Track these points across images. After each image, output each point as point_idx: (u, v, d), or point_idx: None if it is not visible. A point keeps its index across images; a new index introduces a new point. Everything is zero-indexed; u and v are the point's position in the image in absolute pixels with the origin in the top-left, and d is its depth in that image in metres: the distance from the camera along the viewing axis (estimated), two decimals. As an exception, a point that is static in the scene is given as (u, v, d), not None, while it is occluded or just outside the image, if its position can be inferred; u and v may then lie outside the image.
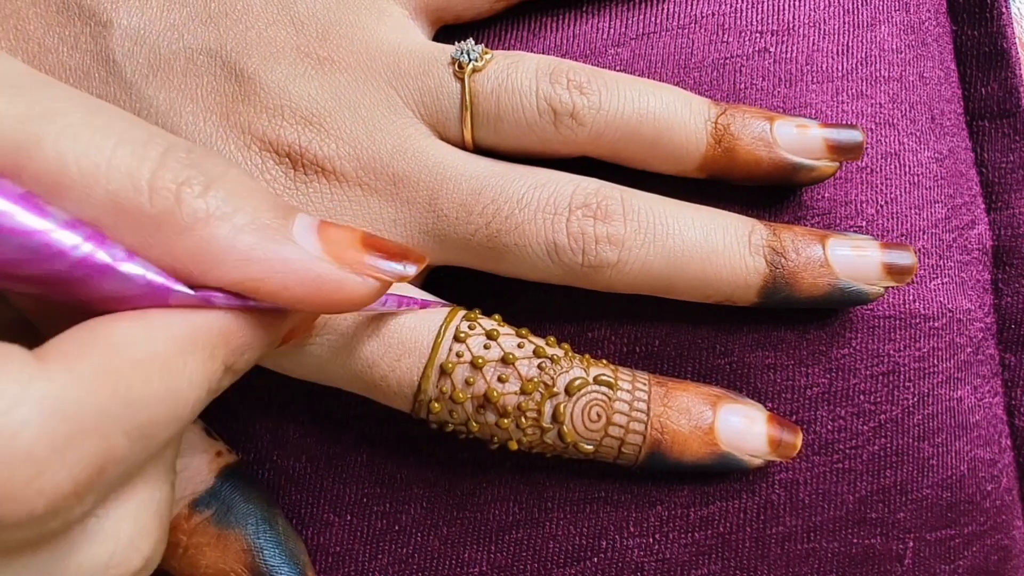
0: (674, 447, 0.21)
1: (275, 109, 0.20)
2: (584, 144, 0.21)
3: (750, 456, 0.21)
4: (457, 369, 0.20)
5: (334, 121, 0.20)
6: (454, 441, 0.22)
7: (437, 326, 0.20)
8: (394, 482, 0.23)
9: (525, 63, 0.21)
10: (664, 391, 0.21)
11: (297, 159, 0.20)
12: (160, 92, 0.20)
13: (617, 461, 0.21)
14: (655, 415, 0.21)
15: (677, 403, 0.21)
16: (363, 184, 0.20)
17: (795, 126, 0.22)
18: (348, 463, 0.23)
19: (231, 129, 0.20)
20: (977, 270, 0.26)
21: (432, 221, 0.20)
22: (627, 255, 0.20)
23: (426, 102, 0.21)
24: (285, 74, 0.20)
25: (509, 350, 0.20)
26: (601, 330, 0.23)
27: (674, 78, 0.23)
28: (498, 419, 0.20)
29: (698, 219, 0.21)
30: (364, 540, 0.23)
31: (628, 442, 0.20)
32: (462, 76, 0.21)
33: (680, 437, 0.21)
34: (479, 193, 0.20)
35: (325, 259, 0.15)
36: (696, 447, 0.21)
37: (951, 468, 0.24)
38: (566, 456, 0.21)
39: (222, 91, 0.20)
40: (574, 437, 0.20)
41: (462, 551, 0.23)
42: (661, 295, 0.22)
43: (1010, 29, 0.26)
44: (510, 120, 0.21)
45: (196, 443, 0.22)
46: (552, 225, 0.20)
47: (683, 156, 0.21)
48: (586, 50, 0.23)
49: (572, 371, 0.20)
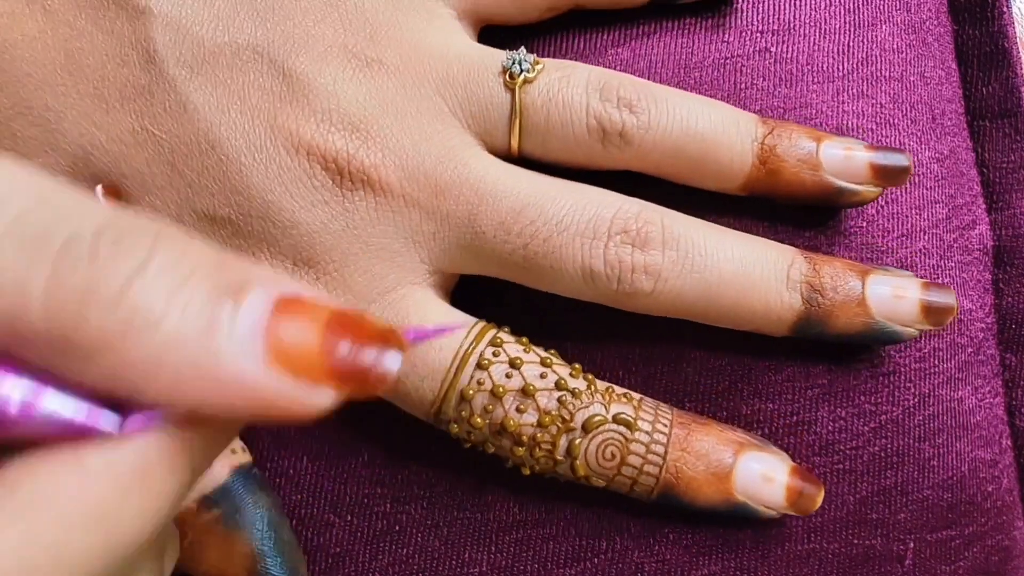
0: (687, 492, 0.21)
1: (324, 113, 0.20)
2: (629, 161, 0.21)
3: (764, 507, 0.21)
4: (477, 397, 0.20)
5: (381, 128, 0.20)
6: (455, 441, 0.22)
7: (463, 350, 0.20)
8: (394, 482, 0.23)
9: (577, 76, 0.21)
10: (685, 434, 0.21)
11: (344, 168, 0.20)
12: (204, 89, 0.19)
13: (630, 495, 0.21)
14: (671, 460, 0.20)
15: (697, 447, 0.21)
16: (406, 195, 0.20)
17: (842, 148, 0.22)
18: (348, 463, 0.23)
19: (279, 132, 0.20)
20: (978, 270, 0.25)
21: (470, 237, 0.20)
22: (663, 285, 0.20)
23: (474, 112, 0.21)
24: (334, 76, 0.20)
25: (530, 381, 0.20)
26: (598, 333, 0.23)
27: (674, 78, 0.23)
28: (513, 446, 0.20)
29: (738, 249, 0.21)
30: (364, 540, 0.23)
31: (640, 483, 0.21)
32: (513, 87, 0.20)
33: (695, 484, 0.20)
34: (519, 213, 0.20)
35: (273, 374, 0.12)
36: (710, 493, 0.21)
37: (952, 469, 0.24)
38: (579, 483, 0.21)
39: (269, 90, 0.20)
40: (586, 471, 0.20)
41: (462, 551, 0.23)
42: (692, 320, 0.21)
43: (1011, 29, 0.26)
44: (558, 135, 0.21)
45: None
46: (589, 251, 0.20)
47: (727, 175, 0.21)
48: (586, 50, 0.23)
49: (591, 407, 0.20)
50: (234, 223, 0.20)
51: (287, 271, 0.20)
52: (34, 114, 0.20)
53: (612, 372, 0.23)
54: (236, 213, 0.20)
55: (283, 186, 0.19)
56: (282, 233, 0.20)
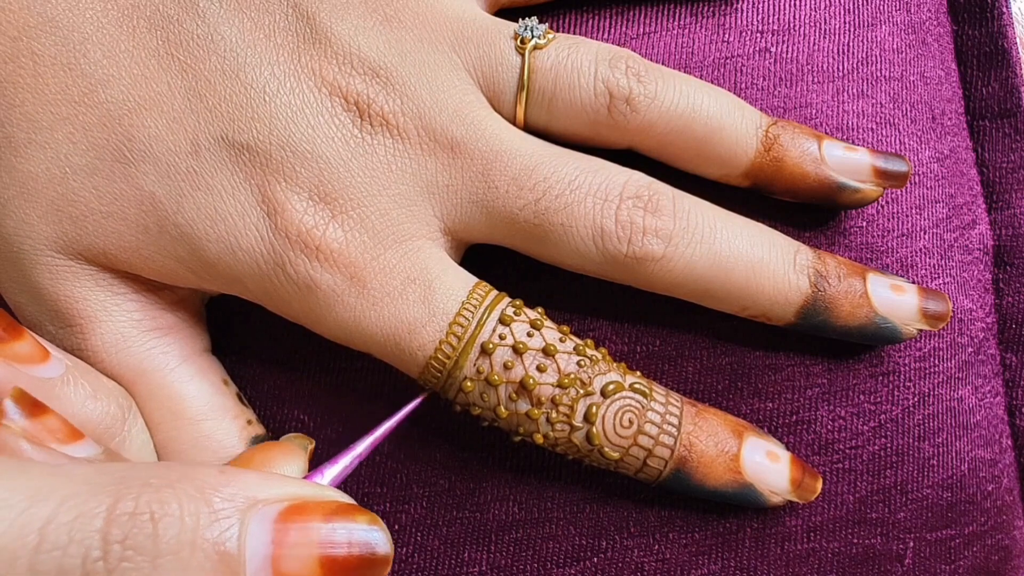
0: (699, 468, 0.21)
1: (345, 57, 0.20)
2: (634, 133, 0.21)
3: (770, 492, 0.21)
4: (498, 351, 0.20)
5: (400, 77, 0.20)
6: (455, 441, 0.22)
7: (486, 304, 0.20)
8: (394, 482, 0.23)
9: (586, 46, 0.21)
10: (695, 411, 0.21)
11: (365, 109, 0.20)
12: (232, 23, 0.20)
13: (639, 475, 0.21)
14: (685, 432, 0.20)
15: (707, 425, 0.21)
16: (423, 145, 0.20)
17: (843, 148, 0.22)
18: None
19: (303, 70, 0.20)
20: (978, 270, 0.26)
21: (483, 191, 0.20)
22: (673, 251, 0.20)
23: (485, 72, 0.21)
24: (354, 25, 0.20)
25: (551, 341, 0.20)
26: (602, 329, 0.23)
27: (674, 77, 0.23)
28: (530, 409, 0.20)
29: (746, 230, 0.21)
30: (364, 540, 0.23)
31: (655, 454, 0.20)
32: (523, 51, 0.21)
33: (707, 459, 0.20)
34: (532, 170, 0.20)
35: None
36: (720, 472, 0.21)
37: (952, 468, 0.24)
38: (586, 462, 0.21)
39: (294, 30, 0.20)
40: (602, 440, 0.20)
41: (462, 551, 0.23)
42: (696, 301, 0.21)
43: (1011, 29, 0.26)
44: (565, 99, 0.21)
45: (228, 407, 0.22)
46: (602, 210, 0.20)
47: (731, 160, 0.21)
48: (586, 49, 0.23)
49: (609, 374, 0.20)
50: (253, 150, 0.20)
51: (304, 204, 0.20)
52: (59, 32, 0.20)
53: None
54: (256, 140, 0.20)
55: (306, 118, 0.20)
56: (302, 164, 0.20)
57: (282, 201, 0.19)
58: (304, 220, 0.19)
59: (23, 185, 0.20)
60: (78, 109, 0.20)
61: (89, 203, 0.20)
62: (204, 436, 0.21)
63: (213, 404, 0.21)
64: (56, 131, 0.20)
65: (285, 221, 0.19)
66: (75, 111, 0.20)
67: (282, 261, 0.19)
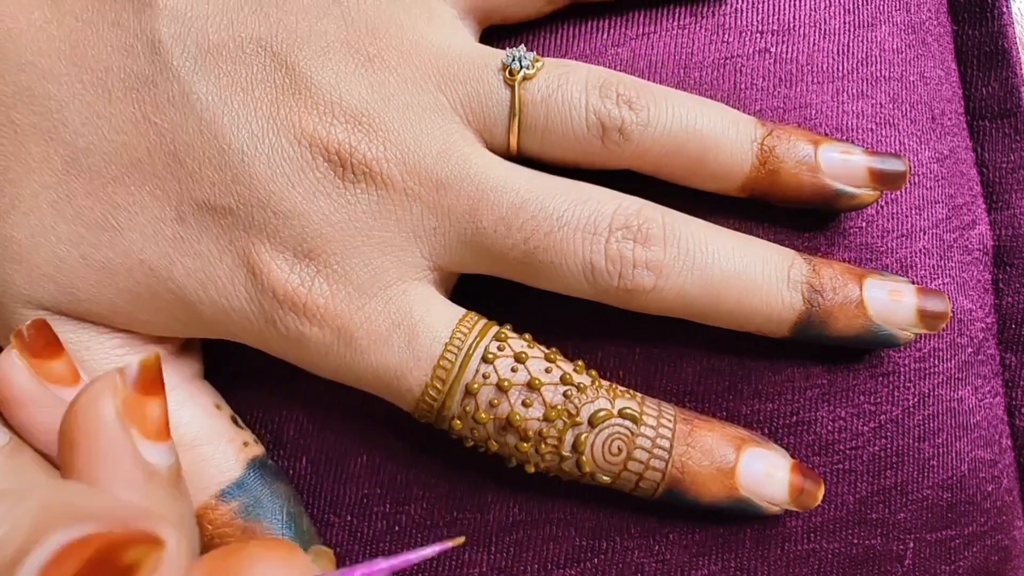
0: (692, 487, 0.21)
1: (326, 106, 0.20)
2: (628, 159, 0.21)
3: (768, 503, 0.21)
4: (482, 391, 0.20)
5: (383, 122, 0.20)
6: (455, 442, 0.22)
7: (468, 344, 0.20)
8: (394, 483, 0.23)
9: (576, 73, 0.21)
10: (689, 429, 0.21)
11: (347, 159, 0.20)
12: (207, 81, 0.20)
13: (634, 493, 0.21)
14: (677, 454, 0.20)
15: (701, 443, 0.21)
16: (408, 190, 0.20)
17: (840, 152, 0.22)
18: (348, 464, 0.23)
19: (281, 124, 0.20)
20: (978, 270, 0.26)
21: (471, 232, 0.20)
22: (664, 282, 0.20)
23: (474, 108, 0.21)
24: (336, 71, 0.20)
25: (536, 375, 0.20)
26: (598, 334, 0.23)
27: (674, 78, 0.23)
28: (518, 442, 0.20)
29: (739, 249, 0.21)
30: (364, 541, 0.23)
31: (647, 478, 0.20)
32: (512, 83, 0.20)
33: (700, 478, 0.21)
34: (519, 208, 0.20)
35: None
36: (715, 489, 0.21)
37: (951, 469, 0.24)
38: (582, 482, 0.21)
39: (272, 83, 0.20)
40: (592, 467, 0.20)
41: (462, 552, 0.23)
42: (693, 320, 0.21)
43: (1011, 29, 0.26)
44: (558, 132, 0.21)
45: (223, 431, 0.22)
46: (591, 246, 0.20)
47: (726, 175, 0.21)
48: (586, 50, 0.23)
49: (597, 402, 0.20)
50: (235, 213, 0.20)
51: (288, 263, 0.20)
52: (36, 102, 0.20)
53: (612, 372, 0.23)
54: (237, 203, 0.20)
55: (285, 176, 0.20)
56: (283, 223, 0.20)
57: (267, 262, 0.20)
58: (290, 280, 0.20)
59: (5, 249, 0.20)
60: (62, 178, 0.20)
61: (77, 271, 0.20)
62: (201, 461, 0.21)
63: (207, 428, 0.21)
64: (40, 198, 0.20)
65: (272, 282, 0.20)
66: (58, 180, 0.20)
67: (272, 319, 0.20)
